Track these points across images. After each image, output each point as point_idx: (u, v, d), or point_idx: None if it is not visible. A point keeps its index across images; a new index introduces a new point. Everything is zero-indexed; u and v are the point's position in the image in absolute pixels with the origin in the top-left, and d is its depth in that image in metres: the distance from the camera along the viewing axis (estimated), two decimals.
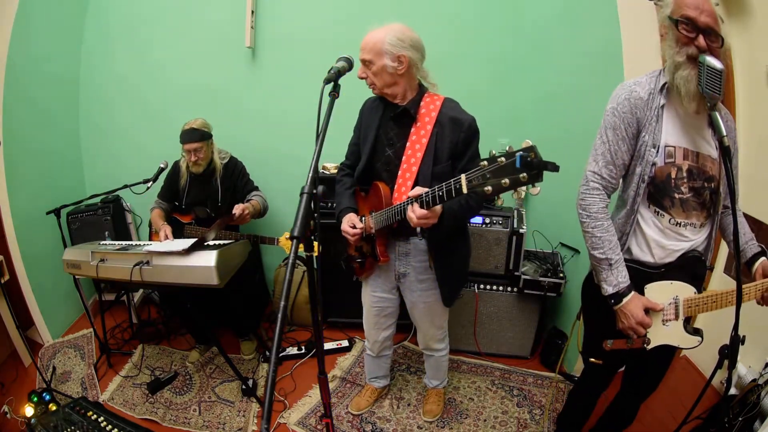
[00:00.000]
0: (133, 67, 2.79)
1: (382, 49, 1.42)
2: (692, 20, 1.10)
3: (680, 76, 1.15)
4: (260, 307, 2.94)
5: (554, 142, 2.48)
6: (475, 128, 1.48)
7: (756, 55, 1.78)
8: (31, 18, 2.42)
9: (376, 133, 1.59)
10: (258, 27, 2.64)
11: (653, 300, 1.27)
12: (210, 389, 2.28)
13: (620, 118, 1.24)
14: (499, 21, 2.54)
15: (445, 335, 1.93)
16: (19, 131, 2.44)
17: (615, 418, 1.65)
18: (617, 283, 1.25)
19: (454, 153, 1.47)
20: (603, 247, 1.26)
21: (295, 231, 0.87)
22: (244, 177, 2.38)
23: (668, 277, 1.27)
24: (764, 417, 1.50)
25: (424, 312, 1.77)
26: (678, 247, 1.27)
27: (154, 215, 2.35)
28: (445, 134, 1.47)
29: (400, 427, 2.05)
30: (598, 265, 1.29)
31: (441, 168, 1.48)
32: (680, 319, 1.28)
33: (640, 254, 1.31)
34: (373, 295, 1.81)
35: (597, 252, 1.27)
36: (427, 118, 1.49)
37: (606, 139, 1.27)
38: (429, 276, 1.65)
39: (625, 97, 1.23)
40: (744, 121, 1.88)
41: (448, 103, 1.52)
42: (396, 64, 1.43)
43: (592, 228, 1.27)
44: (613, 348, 1.31)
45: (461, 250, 1.70)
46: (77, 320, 2.87)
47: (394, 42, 1.42)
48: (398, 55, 1.42)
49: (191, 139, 2.17)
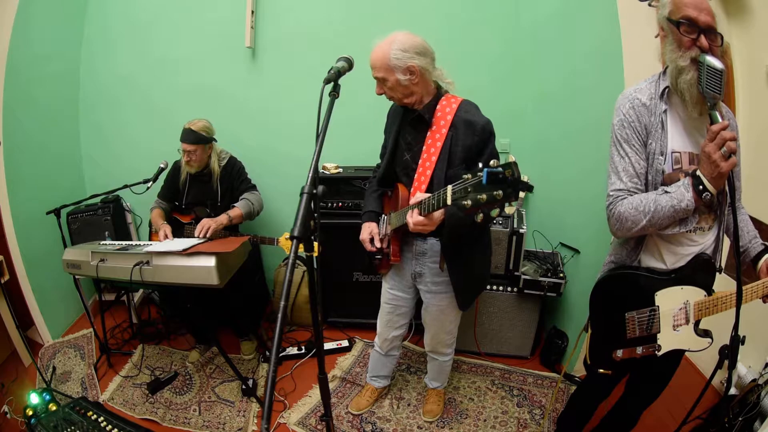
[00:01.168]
0: (133, 67, 2.79)
1: (389, 65, 1.41)
2: (693, 20, 1.09)
3: (684, 81, 1.13)
4: (260, 307, 2.94)
5: (555, 141, 2.48)
6: (489, 131, 1.45)
7: (756, 55, 1.78)
8: (31, 18, 2.42)
9: (395, 137, 1.61)
10: (258, 27, 2.64)
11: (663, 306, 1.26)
12: (210, 389, 2.28)
13: (631, 128, 1.22)
14: (498, 20, 2.53)
15: (454, 341, 1.92)
16: (19, 131, 2.45)
17: (616, 423, 1.64)
18: (682, 193, 1.14)
19: (468, 156, 1.44)
20: (648, 205, 1.17)
21: (295, 231, 0.87)
22: (240, 177, 2.37)
23: (678, 282, 1.26)
24: (764, 417, 1.50)
25: (435, 314, 1.77)
26: (688, 251, 1.26)
27: (154, 215, 2.36)
28: (459, 137, 1.45)
29: (400, 427, 2.05)
30: (672, 212, 1.16)
31: (454, 172, 1.45)
32: (691, 323, 1.27)
33: (652, 262, 1.30)
34: (389, 292, 1.82)
35: (658, 207, 1.16)
36: (442, 121, 1.47)
37: (624, 153, 1.23)
38: (443, 279, 1.64)
39: (629, 106, 1.22)
40: (744, 121, 1.88)
41: (465, 106, 1.49)
42: (408, 76, 1.42)
43: (641, 218, 1.18)
44: (624, 357, 1.30)
45: (477, 256, 1.66)
46: (77, 320, 2.87)
47: (399, 55, 1.39)
48: (407, 66, 1.40)
49: (186, 139, 2.18)
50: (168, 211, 2.42)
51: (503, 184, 0.89)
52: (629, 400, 1.56)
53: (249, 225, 2.69)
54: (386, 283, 1.84)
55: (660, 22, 1.17)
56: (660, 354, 1.28)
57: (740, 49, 1.84)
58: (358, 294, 2.65)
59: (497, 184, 0.90)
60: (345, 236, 2.50)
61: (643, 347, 1.28)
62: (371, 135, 1.93)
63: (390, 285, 1.82)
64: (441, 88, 1.54)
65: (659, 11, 1.17)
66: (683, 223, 1.20)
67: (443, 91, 1.53)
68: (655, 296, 1.26)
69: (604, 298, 1.38)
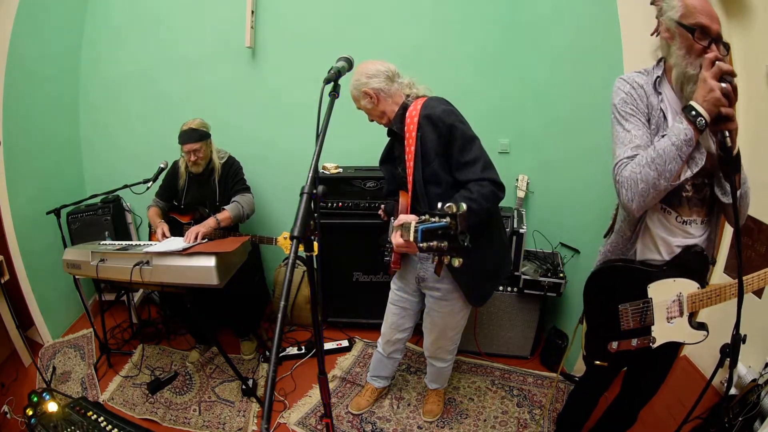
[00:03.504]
0: (132, 67, 2.80)
1: (353, 95, 1.60)
2: (706, 28, 1.08)
3: (691, 91, 1.11)
4: (260, 307, 2.94)
5: (555, 141, 2.48)
6: (447, 122, 1.44)
7: (756, 55, 1.78)
8: (31, 18, 2.42)
9: (388, 155, 1.74)
10: (258, 27, 2.64)
11: (656, 298, 1.26)
12: (210, 389, 2.28)
13: (633, 105, 1.21)
14: (493, 15, 2.52)
15: (455, 348, 1.92)
16: (19, 131, 2.45)
17: (615, 420, 1.65)
18: (678, 127, 1.11)
19: (438, 151, 1.46)
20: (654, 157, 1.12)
21: (295, 231, 0.87)
22: (236, 177, 2.36)
23: (670, 274, 1.27)
24: (764, 417, 1.50)
25: (436, 320, 1.77)
26: (684, 243, 1.26)
27: (151, 213, 2.35)
28: (426, 135, 1.47)
29: (400, 427, 2.05)
30: (679, 145, 1.10)
31: (430, 170, 1.48)
32: (685, 315, 1.28)
33: (647, 253, 1.30)
34: (396, 293, 1.85)
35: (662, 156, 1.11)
36: (411, 126, 1.50)
37: (627, 128, 1.20)
38: (445, 285, 1.64)
39: (630, 86, 1.22)
40: (744, 121, 1.88)
41: (427, 102, 1.51)
42: (368, 99, 1.57)
43: (650, 172, 1.13)
44: (619, 349, 1.31)
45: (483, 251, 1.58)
46: (77, 320, 2.87)
47: (355, 84, 1.57)
48: (363, 92, 1.56)
49: (190, 139, 2.17)
50: (165, 210, 2.42)
51: (444, 237, 0.85)
52: (627, 397, 1.56)
53: (249, 225, 2.69)
54: (394, 284, 1.87)
55: (666, 23, 1.15)
56: (655, 346, 1.29)
57: (740, 50, 1.84)
58: (358, 294, 2.65)
59: (443, 237, 0.86)
60: (345, 236, 2.51)
61: (638, 339, 1.28)
62: (371, 135, 1.93)
63: (397, 286, 1.86)
64: (409, 97, 1.57)
65: (664, 11, 1.15)
66: (693, 161, 1.14)
67: (410, 100, 1.56)
68: (648, 288, 1.27)
69: (597, 291, 1.39)
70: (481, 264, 1.59)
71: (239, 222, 2.33)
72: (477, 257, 1.55)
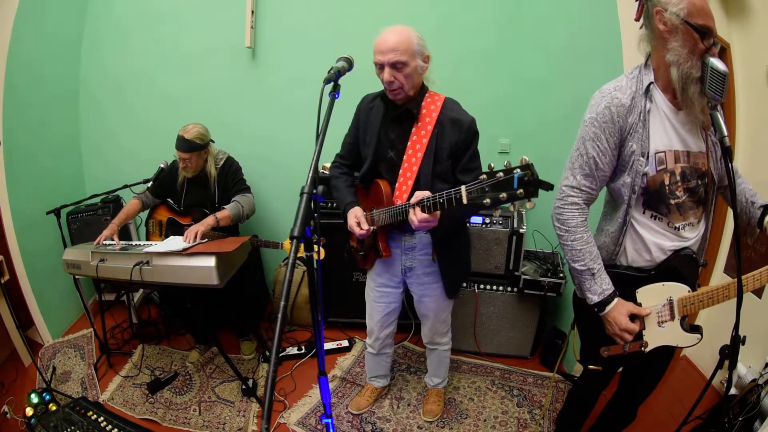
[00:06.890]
0: (132, 67, 2.80)
1: (413, 50, 1.40)
2: (711, 30, 1.07)
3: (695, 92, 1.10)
4: (260, 307, 2.94)
5: (555, 141, 2.48)
6: (474, 129, 1.49)
7: (756, 55, 1.78)
8: (31, 19, 2.42)
9: (378, 136, 1.58)
10: (258, 27, 2.64)
11: (645, 303, 1.25)
12: (210, 389, 2.28)
13: (601, 128, 1.18)
14: (492, 15, 2.52)
15: (449, 329, 1.95)
16: (19, 131, 2.44)
17: (613, 418, 1.65)
18: (602, 291, 1.23)
19: (453, 153, 1.49)
20: (584, 259, 1.24)
21: (295, 231, 0.87)
22: (235, 177, 2.34)
23: (659, 278, 1.25)
24: (764, 417, 1.50)
25: (430, 305, 1.79)
26: (678, 246, 1.26)
27: (126, 207, 2.32)
28: (445, 134, 1.48)
29: (400, 427, 2.05)
30: (580, 276, 1.26)
31: (441, 167, 1.50)
32: (676, 319, 1.27)
33: (638, 258, 1.29)
34: (377, 290, 1.82)
35: (578, 264, 1.25)
36: (428, 118, 1.50)
37: (584, 151, 1.21)
38: (434, 269, 1.69)
39: (605, 105, 1.17)
40: (744, 121, 1.88)
41: (449, 104, 1.52)
42: (423, 64, 1.45)
43: (571, 242, 1.25)
44: (611, 354, 1.31)
45: (462, 241, 1.74)
46: (77, 320, 2.87)
47: (421, 42, 1.42)
48: (426, 55, 1.45)
49: (181, 148, 2.16)
50: (149, 207, 2.39)
51: (525, 185, 0.97)
52: (625, 396, 1.56)
53: (249, 225, 2.69)
54: (373, 281, 1.82)
55: (670, 18, 1.08)
56: (647, 350, 1.28)
57: (740, 49, 1.84)
58: (358, 294, 2.62)
59: (521, 185, 0.97)
60: (345, 236, 2.49)
61: (630, 344, 1.27)
62: None
63: (377, 283, 1.80)
64: (425, 85, 1.55)
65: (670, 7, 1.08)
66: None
67: (426, 88, 1.55)
68: (637, 293, 1.26)
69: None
70: (459, 257, 1.74)
71: (239, 222, 2.32)
72: (457, 247, 1.71)
